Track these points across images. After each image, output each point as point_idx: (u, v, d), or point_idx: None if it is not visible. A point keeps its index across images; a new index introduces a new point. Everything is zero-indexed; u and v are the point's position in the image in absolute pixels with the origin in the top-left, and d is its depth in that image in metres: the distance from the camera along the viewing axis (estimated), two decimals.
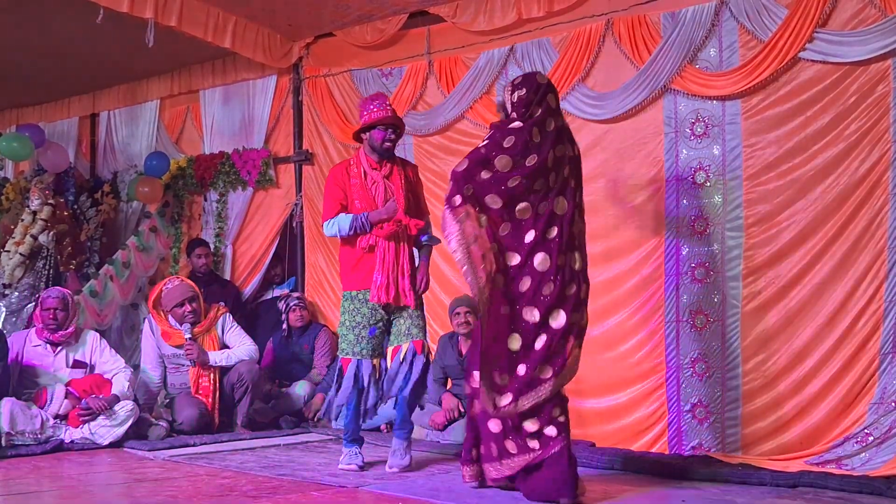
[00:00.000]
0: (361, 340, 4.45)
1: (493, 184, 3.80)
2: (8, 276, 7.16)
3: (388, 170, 4.58)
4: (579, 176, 3.99)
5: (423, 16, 6.31)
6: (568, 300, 3.77)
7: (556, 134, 3.90)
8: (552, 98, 3.96)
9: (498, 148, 3.84)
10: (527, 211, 3.81)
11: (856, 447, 4.48)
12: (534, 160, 3.81)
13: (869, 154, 4.62)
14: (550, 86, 4.00)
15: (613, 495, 3.96)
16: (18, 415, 5.11)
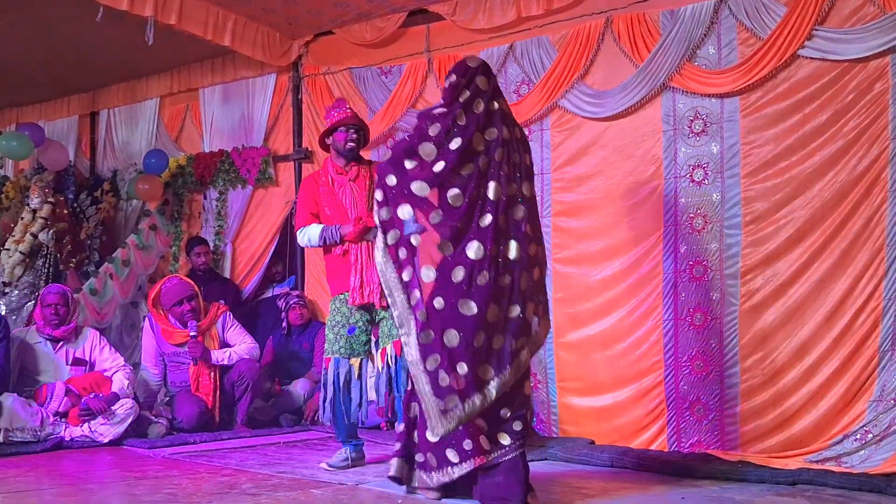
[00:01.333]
0: (339, 339, 4.47)
1: (419, 172, 3.66)
2: (8, 274, 7.16)
3: (354, 173, 4.59)
4: (522, 160, 3.79)
5: (423, 14, 6.31)
6: (503, 292, 3.56)
7: (486, 116, 3.73)
8: (482, 81, 3.79)
9: (422, 136, 3.73)
10: (459, 198, 3.61)
11: (855, 444, 4.49)
12: (458, 144, 3.66)
13: (867, 151, 4.62)
14: (483, 68, 3.85)
15: (612, 493, 3.97)
16: (19, 411, 5.13)
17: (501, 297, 3.55)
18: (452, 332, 3.49)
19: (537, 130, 5.78)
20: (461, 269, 3.53)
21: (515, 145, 3.78)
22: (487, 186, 3.64)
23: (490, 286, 3.53)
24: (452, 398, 3.46)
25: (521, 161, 3.77)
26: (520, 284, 3.59)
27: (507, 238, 3.62)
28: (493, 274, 3.55)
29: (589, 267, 5.53)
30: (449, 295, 3.52)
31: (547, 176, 5.73)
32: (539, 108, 5.68)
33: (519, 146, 3.80)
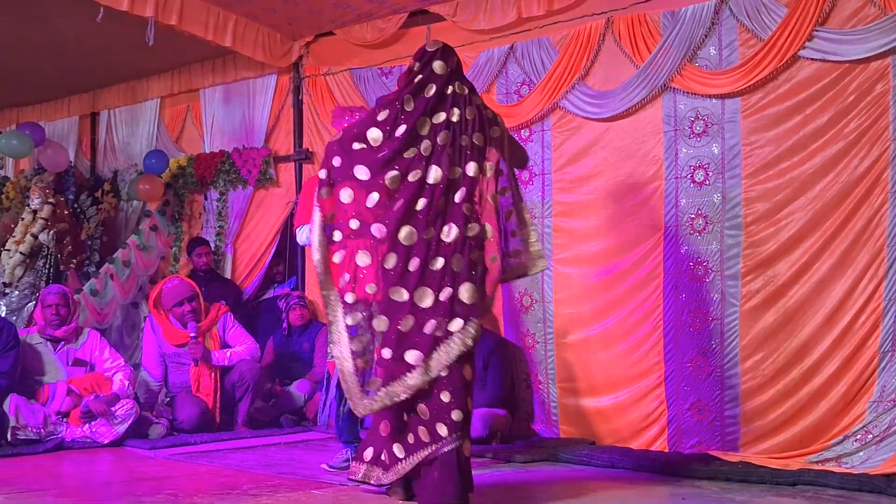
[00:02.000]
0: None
1: (364, 156, 3.70)
2: (8, 274, 7.17)
3: None
4: (472, 141, 3.73)
5: (424, 14, 6.30)
6: (434, 276, 3.54)
7: (438, 99, 3.75)
8: (439, 65, 3.80)
9: (372, 121, 3.76)
10: (396, 180, 3.63)
11: (855, 445, 4.49)
12: (402, 130, 3.69)
13: (868, 152, 4.62)
14: (443, 52, 3.86)
15: (613, 494, 3.97)
16: (23, 408, 5.17)
17: (433, 281, 3.54)
18: (382, 318, 3.55)
19: (538, 131, 5.79)
20: (393, 256, 3.58)
21: (465, 127, 3.75)
22: (429, 170, 3.66)
23: (420, 271, 3.55)
24: (375, 381, 3.52)
25: (470, 143, 3.73)
26: (452, 267, 3.56)
27: (444, 221, 3.62)
28: (425, 258, 3.56)
29: (589, 267, 5.53)
30: (381, 280, 3.58)
31: (548, 176, 5.73)
32: (540, 109, 5.68)
33: (471, 126, 3.76)
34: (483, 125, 3.80)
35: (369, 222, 3.65)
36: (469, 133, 3.75)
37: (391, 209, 3.63)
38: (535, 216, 5.76)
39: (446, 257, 3.58)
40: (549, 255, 5.69)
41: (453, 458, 3.47)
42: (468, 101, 3.81)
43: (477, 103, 3.85)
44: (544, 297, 5.71)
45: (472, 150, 3.73)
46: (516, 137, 5.81)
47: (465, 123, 3.76)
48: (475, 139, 3.75)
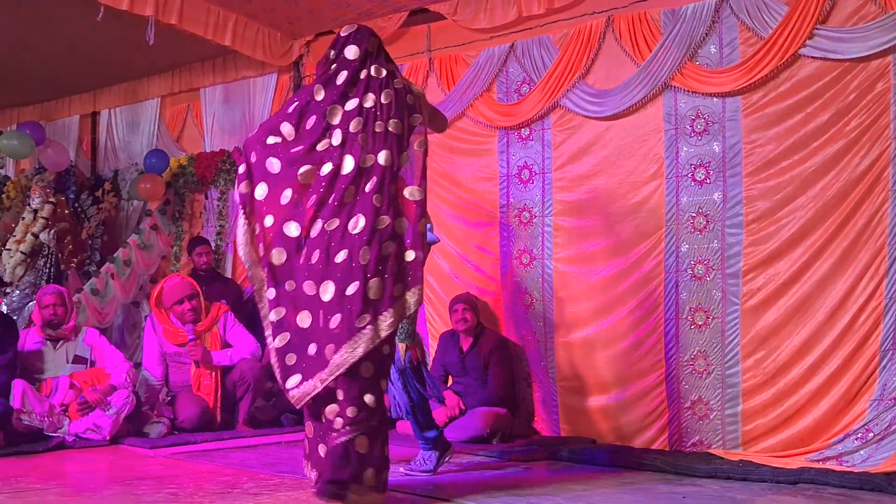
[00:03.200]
0: None
1: (277, 150, 3.57)
2: (9, 274, 7.17)
3: None
4: (387, 128, 3.55)
5: (424, 13, 6.31)
6: (337, 270, 3.37)
7: (350, 85, 3.60)
8: (352, 49, 3.66)
9: (284, 114, 3.65)
10: (310, 175, 3.50)
11: (856, 444, 4.49)
12: (312, 121, 3.57)
13: (869, 151, 4.62)
14: (356, 36, 3.71)
15: (614, 493, 3.96)
16: (29, 394, 5.22)
17: (337, 275, 3.38)
18: (304, 313, 3.42)
19: (538, 130, 5.79)
20: (306, 250, 3.47)
21: (380, 113, 3.58)
22: (343, 161, 3.51)
23: (323, 264, 3.40)
24: (296, 377, 3.40)
25: (384, 129, 3.55)
26: (360, 260, 3.37)
27: (352, 212, 3.45)
28: (327, 250, 3.41)
29: (590, 266, 5.53)
30: (296, 276, 3.46)
31: (548, 175, 5.73)
32: (540, 108, 5.68)
33: (386, 112, 3.59)
34: (401, 111, 3.63)
35: (283, 219, 3.51)
36: (384, 119, 3.58)
37: (306, 205, 3.49)
38: (535, 215, 5.77)
39: (352, 250, 3.39)
40: (550, 253, 5.70)
41: (339, 448, 3.31)
42: (385, 85, 3.63)
43: (397, 87, 3.66)
44: (545, 296, 5.71)
45: (386, 138, 3.56)
46: (516, 137, 5.86)
47: (379, 109, 3.59)
48: (391, 126, 3.57)
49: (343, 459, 3.30)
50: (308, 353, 3.39)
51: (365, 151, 3.52)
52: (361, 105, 3.58)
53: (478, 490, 3.89)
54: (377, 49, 3.74)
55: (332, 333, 3.34)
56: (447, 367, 5.76)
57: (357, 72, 3.65)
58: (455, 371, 5.72)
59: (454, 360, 5.69)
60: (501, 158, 5.96)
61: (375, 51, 3.73)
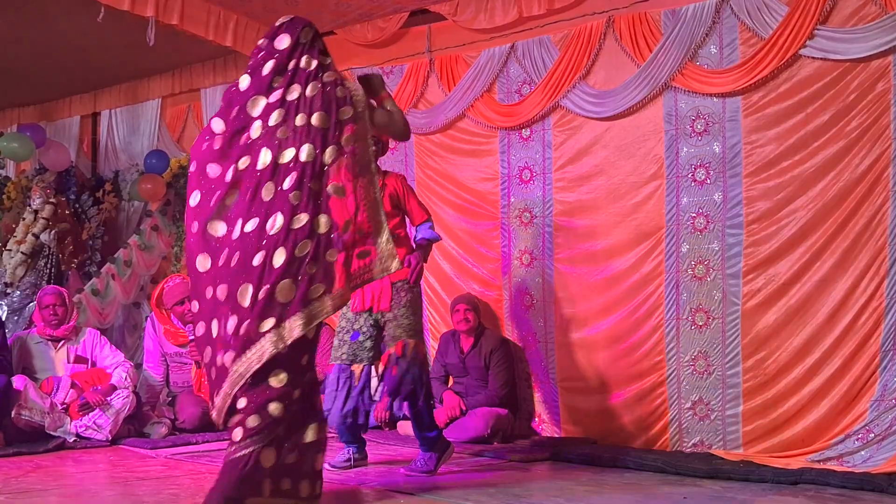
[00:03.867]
0: (343, 345, 4.42)
1: (212, 149, 3.42)
2: (10, 274, 7.17)
3: None
4: (309, 122, 3.38)
5: (424, 14, 6.31)
6: (254, 272, 3.19)
7: (275, 75, 3.46)
8: (283, 38, 3.54)
9: (219, 110, 3.53)
10: (227, 173, 3.35)
11: (857, 444, 4.49)
12: (234, 113, 3.43)
13: (869, 151, 4.62)
14: (288, 25, 3.60)
15: (614, 493, 3.97)
16: (31, 389, 5.24)
17: (253, 278, 3.19)
18: (214, 321, 3.27)
19: (539, 130, 5.79)
20: (227, 251, 3.27)
21: (303, 105, 3.41)
22: (258, 155, 3.34)
23: (241, 267, 3.22)
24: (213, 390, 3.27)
25: (306, 123, 3.38)
26: (273, 262, 3.20)
27: (270, 211, 3.26)
28: (247, 253, 3.22)
29: (591, 266, 5.53)
30: (217, 282, 3.27)
31: (548, 175, 5.74)
32: (541, 108, 5.68)
33: (311, 105, 3.42)
34: (328, 104, 3.43)
35: (206, 221, 3.35)
36: (307, 112, 3.40)
37: (222, 205, 3.32)
38: (536, 215, 5.77)
39: (268, 251, 3.21)
40: (551, 254, 5.70)
41: (238, 463, 3.12)
42: (312, 77, 3.47)
43: (325, 80, 3.49)
44: (545, 296, 5.71)
45: (309, 132, 3.37)
46: (517, 137, 5.85)
47: (303, 101, 3.41)
48: (314, 119, 3.38)
49: (238, 475, 3.10)
50: (216, 363, 3.22)
51: (284, 146, 3.35)
52: (284, 97, 3.42)
53: (478, 491, 3.90)
54: (311, 40, 3.58)
55: (236, 340, 3.16)
56: (448, 368, 5.76)
57: (285, 62, 3.49)
58: (456, 371, 5.72)
59: (455, 360, 5.69)
60: (502, 159, 5.96)
61: (309, 42, 3.57)
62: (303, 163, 3.32)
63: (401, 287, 4.36)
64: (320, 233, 3.28)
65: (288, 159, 3.33)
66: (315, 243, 3.26)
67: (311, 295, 3.21)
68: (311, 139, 3.36)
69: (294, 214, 3.25)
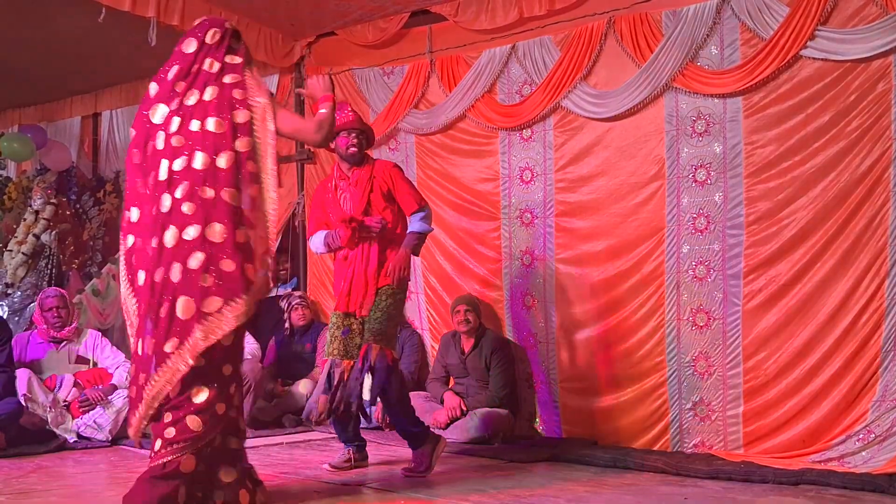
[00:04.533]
0: (334, 341, 4.41)
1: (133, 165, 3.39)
2: (10, 275, 7.18)
3: (356, 177, 4.48)
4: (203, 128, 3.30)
5: (425, 14, 6.31)
6: (156, 289, 3.15)
7: (178, 81, 3.39)
8: (189, 42, 3.49)
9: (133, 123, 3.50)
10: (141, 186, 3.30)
11: (858, 445, 4.49)
12: (140, 122, 3.37)
13: (870, 151, 4.62)
14: (197, 28, 3.54)
15: (615, 494, 3.96)
16: (34, 383, 5.28)
17: (157, 295, 3.15)
18: (140, 340, 3.23)
19: (540, 131, 5.79)
20: (141, 270, 3.25)
21: (200, 110, 3.32)
22: (159, 166, 3.27)
23: (149, 285, 3.17)
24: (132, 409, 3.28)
25: (201, 128, 3.29)
26: (171, 277, 3.14)
27: (166, 224, 3.19)
28: (149, 271, 3.18)
29: (592, 267, 5.53)
30: (139, 300, 3.25)
31: (549, 176, 5.74)
32: (542, 109, 5.68)
33: (207, 110, 3.33)
34: (223, 108, 3.33)
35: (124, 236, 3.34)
36: (202, 117, 3.30)
37: (137, 218, 3.30)
38: (536, 216, 5.77)
39: (166, 267, 3.15)
40: (552, 254, 5.70)
41: (155, 471, 3.12)
42: (213, 80, 3.38)
43: (226, 81, 3.38)
44: (546, 297, 5.71)
45: (203, 138, 3.28)
46: (518, 138, 5.85)
47: (200, 106, 3.32)
48: (209, 125, 3.29)
49: (154, 483, 3.10)
50: (137, 382, 3.20)
51: (178, 154, 3.26)
52: (182, 102, 3.35)
53: (479, 491, 3.90)
54: (218, 41, 3.48)
55: (148, 361, 3.14)
56: (449, 369, 5.76)
57: (190, 66, 3.41)
58: (456, 372, 5.72)
59: (455, 361, 5.69)
60: (503, 159, 5.96)
61: (216, 43, 3.47)
62: (195, 170, 3.23)
63: (384, 292, 4.36)
64: (214, 242, 3.18)
65: (180, 168, 3.24)
66: (208, 254, 3.16)
67: (207, 308, 3.12)
68: (203, 146, 3.27)
69: (186, 226, 3.17)
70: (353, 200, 4.44)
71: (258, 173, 3.37)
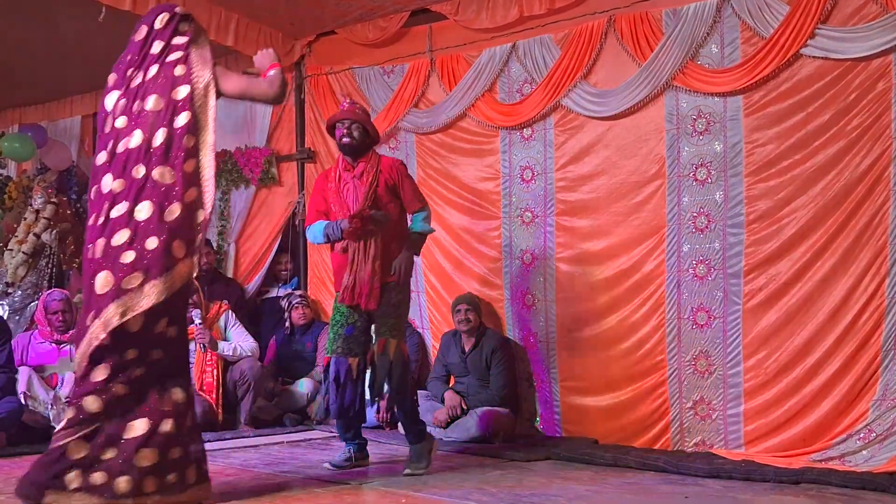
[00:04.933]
0: (338, 339, 4.41)
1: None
2: (11, 274, 7.18)
3: (360, 170, 4.46)
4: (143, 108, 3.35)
5: (425, 13, 6.31)
6: (87, 266, 3.24)
7: (128, 69, 3.46)
8: (141, 29, 3.54)
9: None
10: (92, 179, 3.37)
11: (858, 444, 4.50)
12: (100, 110, 3.45)
13: (870, 150, 4.62)
14: (147, 15, 3.58)
15: (616, 492, 3.97)
16: (34, 380, 5.32)
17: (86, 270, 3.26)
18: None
19: (540, 130, 5.79)
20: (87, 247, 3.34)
21: (142, 91, 3.37)
22: (105, 147, 3.35)
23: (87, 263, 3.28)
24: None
25: (140, 109, 3.34)
26: (96, 254, 3.22)
27: (103, 203, 3.27)
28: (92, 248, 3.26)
29: (592, 266, 5.52)
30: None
31: (550, 175, 5.73)
32: (542, 108, 5.68)
33: (148, 89, 3.37)
34: (164, 85, 3.35)
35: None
36: (143, 96, 3.35)
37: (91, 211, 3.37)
38: (537, 215, 5.77)
39: (94, 243, 3.21)
40: (552, 253, 5.70)
41: (52, 453, 3.12)
42: (155, 60, 3.42)
43: (168, 60, 3.41)
44: (546, 296, 5.71)
45: (141, 117, 3.32)
46: (518, 136, 5.85)
47: (143, 87, 3.37)
48: (148, 103, 3.33)
49: (46, 464, 3.10)
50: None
51: (121, 136, 3.31)
52: (128, 86, 3.40)
53: (479, 490, 3.90)
54: (166, 24, 3.52)
55: (79, 336, 3.19)
56: (449, 367, 5.76)
57: (140, 52, 3.47)
58: (457, 371, 5.72)
59: (456, 360, 5.69)
60: (503, 158, 5.96)
61: (164, 26, 3.51)
62: (131, 149, 3.27)
63: (391, 287, 4.38)
64: (139, 220, 3.20)
65: (122, 148, 3.29)
66: (132, 231, 3.18)
67: (127, 285, 3.13)
68: (141, 124, 3.30)
69: (116, 203, 3.22)
70: (359, 193, 4.42)
71: (197, 147, 3.33)
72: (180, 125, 3.30)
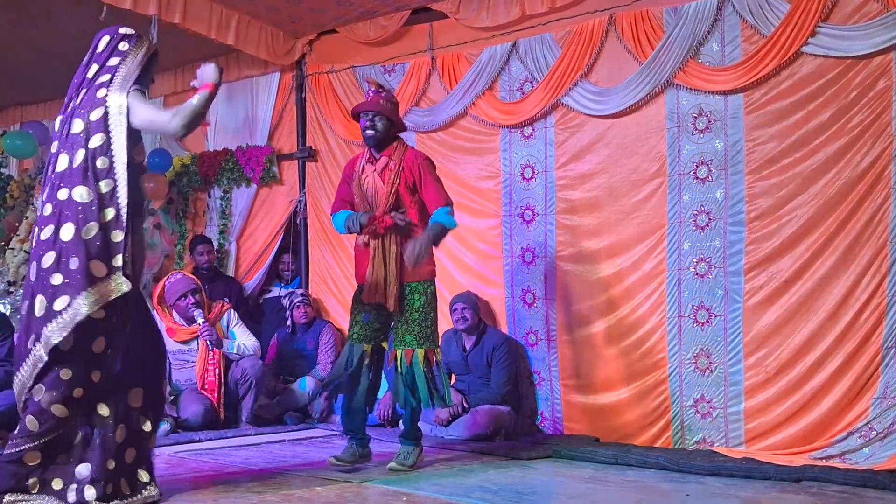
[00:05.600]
0: (355, 325, 4.41)
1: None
2: (13, 273, 7.19)
3: (382, 164, 4.39)
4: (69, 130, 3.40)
5: (426, 12, 6.31)
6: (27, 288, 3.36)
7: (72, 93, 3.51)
8: (103, 40, 3.56)
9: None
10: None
11: (859, 442, 4.50)
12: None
13: (871, 148, 4.62)
14: (93, 40, 3.59)
15: (616, 491, 3.97)
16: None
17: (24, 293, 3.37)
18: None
19: (541, 128, 5.79)
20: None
21: (71, 114, 3.43)
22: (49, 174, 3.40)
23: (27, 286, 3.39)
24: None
25: (66, 131, 3.40)
26: (31, 277, 3.33)
27: (37, 227, 3.37)
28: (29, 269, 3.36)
29: (593, 264, 5.53)
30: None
31: (550, 173, 5.74)
32: (542, 106, 5.68)
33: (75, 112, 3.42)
34: (85, 108, 3.40)
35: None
36: (71, 121, 3.41)
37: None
38: (537, 213, 5.77)
39: (29, 267, 3.32)
40: (553, 252, 5.70)
41: (8, 458, 3.21)
42: (88, 83, 3.48)
43: (99, 82, 3.45)
44: (547, 294, 5.72)
45: (68, 140, 3.39)
46: (519, 135, 5.85)
47: (73, 111, 3.44)
48: (74, 126, 3.39)
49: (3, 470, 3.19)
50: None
51: (52, 160, 3.40)
52: (66, 110, 3.48)
53: (480, 488, 3.90)
54: (106, 45, 3.54)
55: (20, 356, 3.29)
56: (450, 366, 5.76)
57: (81, 75, 3.53)
58: (458, 369, 5.73)
59: (457, 358, 5.69)
60: (504, 157, 5.97)
61: (103, 48, 3.54)
62: (57, 172, 3.35)
63: (415, 289, 4.34)
64: (64, 241, 3.25)
65: (51, 172, 3.38)
66: (58, 252, 3.24)
67: (59, 306, 3.21)
68: (68, 148, 3.37)
69: (45, 226, 3.29)
70: (380, 192, 4.36)
71: (113, 168, 3.35)
72: (94, 146, 3.35)
